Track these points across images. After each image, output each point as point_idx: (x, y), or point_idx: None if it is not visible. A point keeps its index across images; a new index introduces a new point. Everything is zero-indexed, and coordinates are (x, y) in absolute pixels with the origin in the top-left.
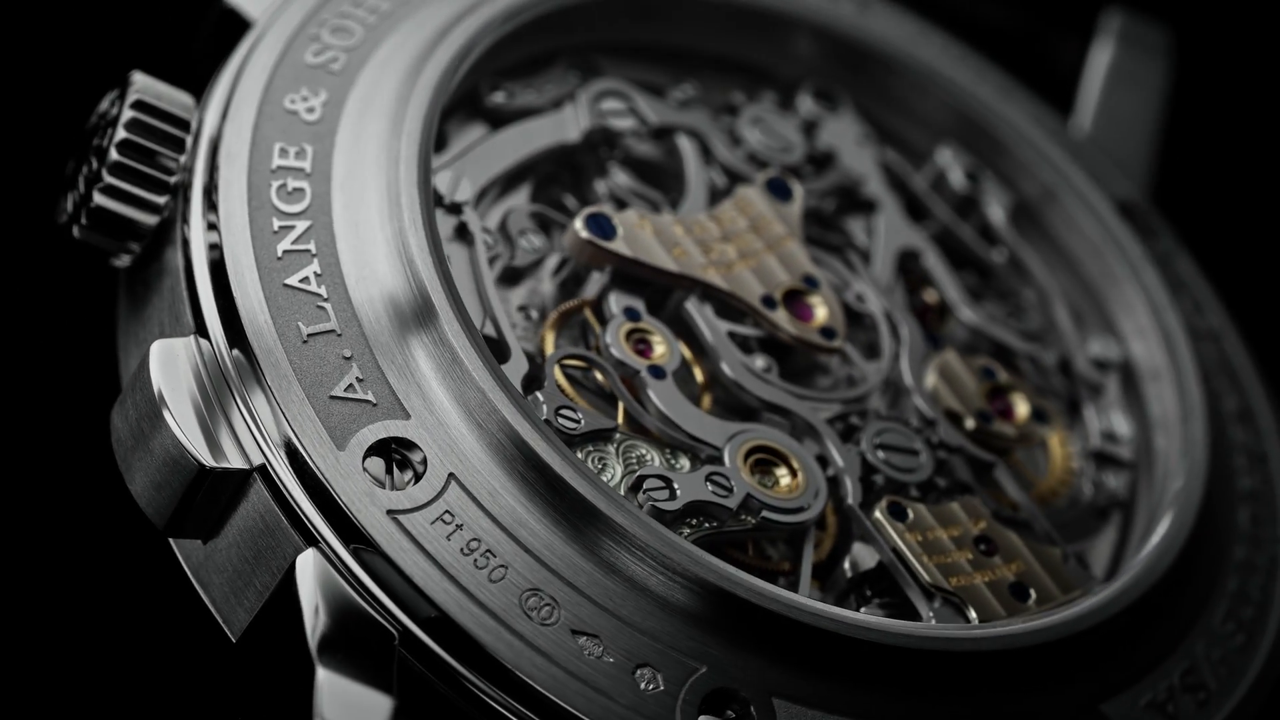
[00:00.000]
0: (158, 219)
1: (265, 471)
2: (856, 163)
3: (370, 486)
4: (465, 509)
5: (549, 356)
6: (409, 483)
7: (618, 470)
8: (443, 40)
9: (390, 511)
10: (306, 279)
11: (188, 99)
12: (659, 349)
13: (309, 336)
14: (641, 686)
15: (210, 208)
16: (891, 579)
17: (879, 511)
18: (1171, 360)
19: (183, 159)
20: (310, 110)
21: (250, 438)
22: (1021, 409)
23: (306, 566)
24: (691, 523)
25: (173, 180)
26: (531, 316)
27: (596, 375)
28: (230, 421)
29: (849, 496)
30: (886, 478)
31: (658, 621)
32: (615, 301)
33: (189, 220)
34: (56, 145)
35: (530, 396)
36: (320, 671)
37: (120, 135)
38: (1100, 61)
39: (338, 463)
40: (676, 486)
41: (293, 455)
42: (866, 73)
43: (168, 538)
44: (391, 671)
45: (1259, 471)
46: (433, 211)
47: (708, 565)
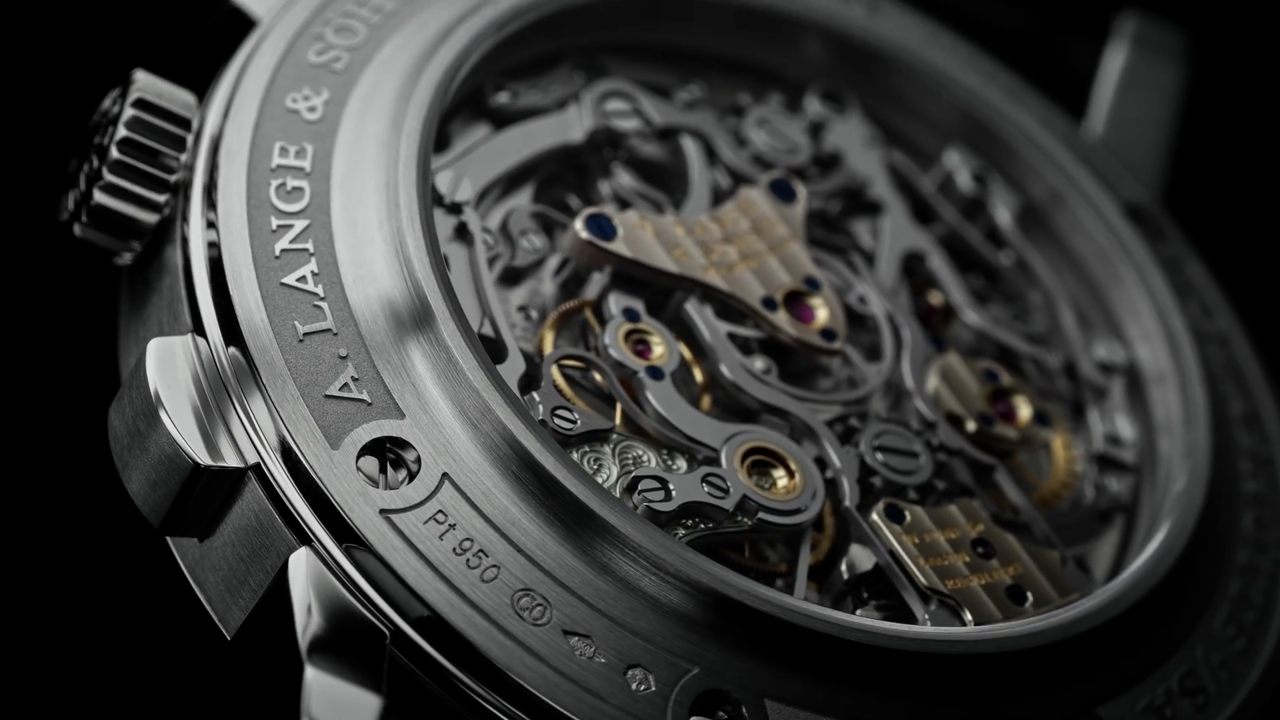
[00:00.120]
0: (158, 217)
1: (260, 470)
2: (863, 164)
3: (363, 486)
4: (458, 509)
5: (547, 357)
6: (402, 482)
7: (614, 471)
8: (445, 40)
9: (383, 511)
10: (304, 278)
11: (189, 97)
12: (658, 350)
13: (305, 335)
14: (633, 687)
15: (210, 206)
16: (888, 581)
17: (876, 514)
18: (1176, 363)
19: (183, 157)
20: (312, 109)
21: (245, 436)
22: (1024, 412)
23: (299, 565)
24: (687, 524)
25: (173, 179)
26: (531, 317)
27: (595, 376)
28: (226, 420)
29: (846, 498)
30: (885, 480)
31: (650, 622)
32: (615, 302)
33: (188, 219)
34: (61, 143)
35: (527, 397)
36: (309, 671)
37: (121, 133)
38: (1114, 64)
39: (331, 462)
40: (672, 487)
41: (287, 454)
42: (874, 74)
43: (164, 536)
44: (382, 671)
45: (1264, 475)
46: (431, 211)
47: (700, 566)
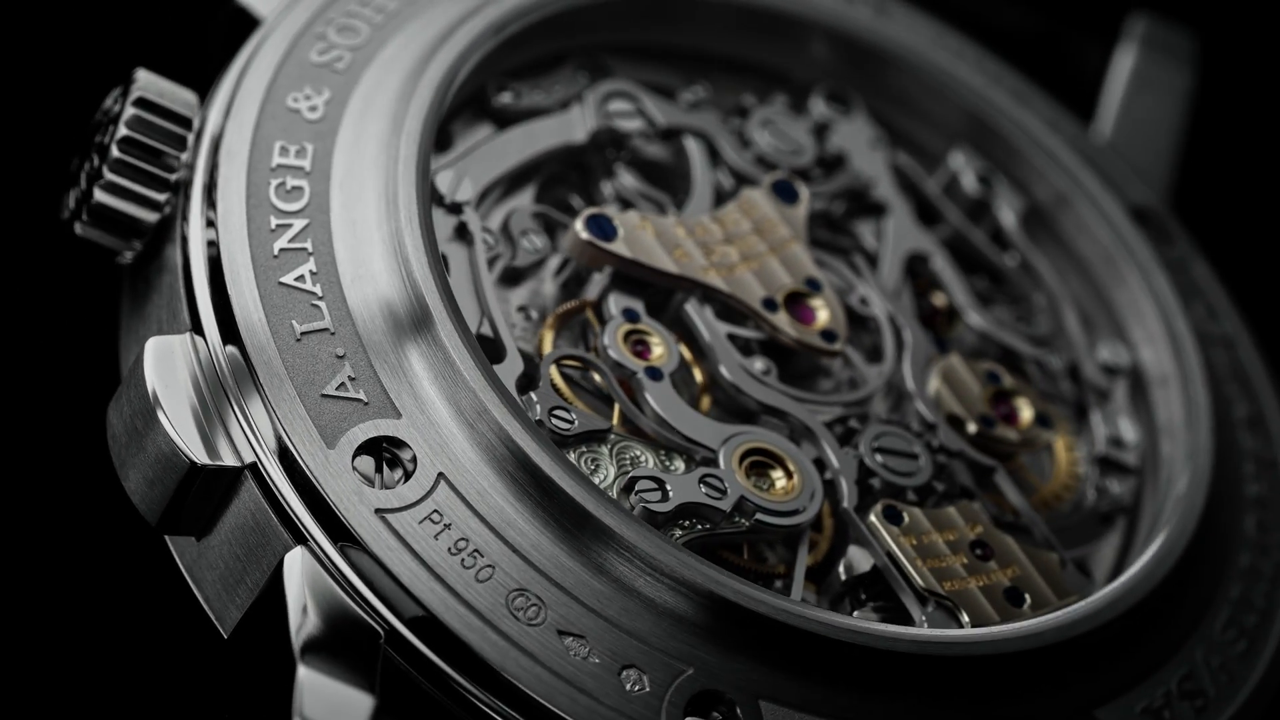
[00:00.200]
0: (158, 216)
1: (256, 469)
2: (868, 166)
3: (359, 485)
4: (454, 508)
5: (545, 357)
6: (398, 482)
7: (611, 471)
8: (447, 40)
9: (378, 510)
10: (302, 277)
11: (191, 97)
12: (657, 350)
13: (302, 335)
14: (627, 688)
15: (210, 205)
16: (886, 583)
17: (874, 515)
18: (1179, 366)
19: (184, 156)
20: (313, 109)
21: (242, 436)
22: (1025, 414)
23: (294, 564)
24: (684, 524)
25: (173, 178)
26: (531, 317)
27: (595, 376)
28: (223, 419)
29: (844, 500)
30: (884, 481)
31: (645, 623)
32: (614, 303)
33: (188, 218)
34: (64, 142)
35: (525, 397)
36: (301, 670)
37: (122, 132)
38: (1123, 66)
39: (327, 461)
40: (669, 488)
41: (283, 453)
42: (880, 75)
43: (162, 534)
44: (375, 671)
45: (1267, 478)
46: (429, 211)
47: (695, 567)
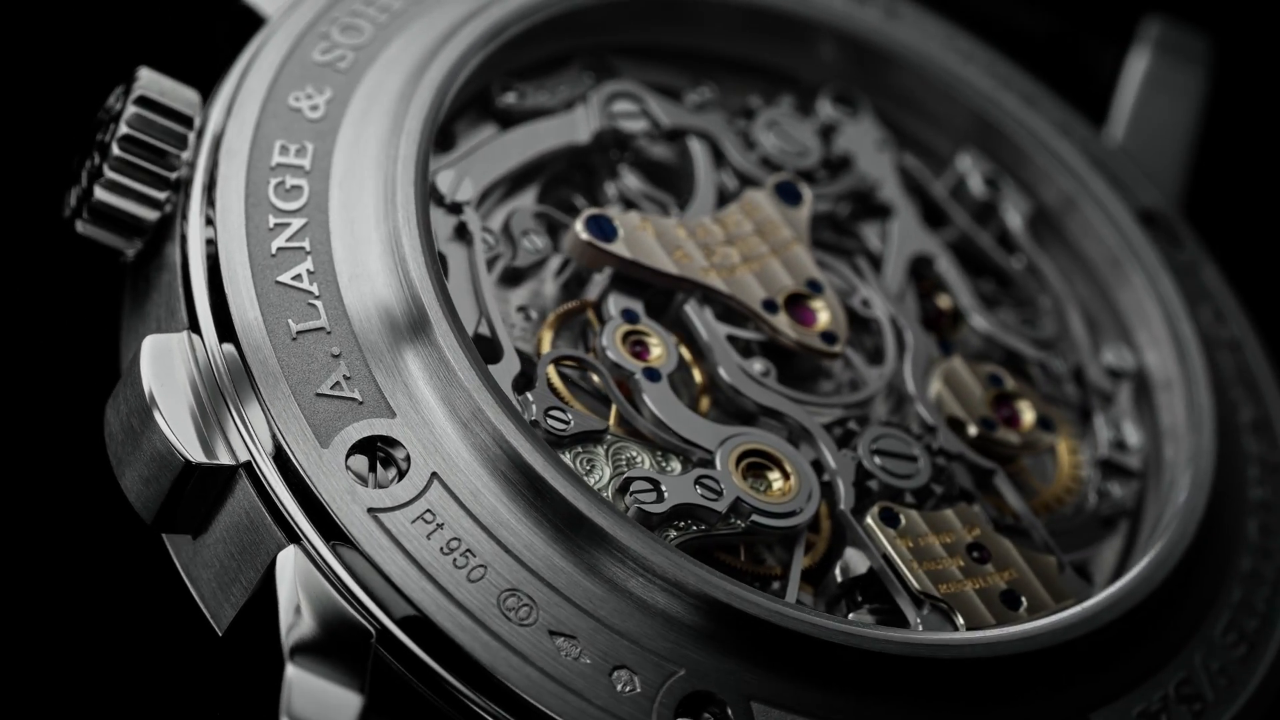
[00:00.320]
0: (159, 214)
1: (251, 468)
2: (874, 167)
3: (352, 484)
4: (446, 508)
5: (542, 357)
6: (392, 481)
7: (606, 472)
8: (450, 40)
9: (371, 510)
10: (299, 276)
11: (193, 95)
12: (656, 351)
13: (298, 334)
14: (618, 688)
15: (209, 204)
16: (882, 585)
17: (870, 517)
18: (1183, 369)
19: (185, 155)
20: (314, 108)
21: (237, 434)
22: (1028, 417)
23: (286, 563)
24: (679, 525)
25: (174, 176)
26: (531, 317)
27: (593, 377)
28: (219, 418)
29: (842, 501)
30: (882, 483)
31: (636, 624)
32: (614, 303)
33: (188, 216)
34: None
35: (521, 397)
36: (290, 668)
37: (123, 130)
38: (1137, 69)
39: (320, 460)
40: (664, 489)
41: (277, 452)
42: (888, 77)
43: (159, 533)
44: (365, 670)
45: (1271, 482)
46: (428, 211)
47: (687, 568)
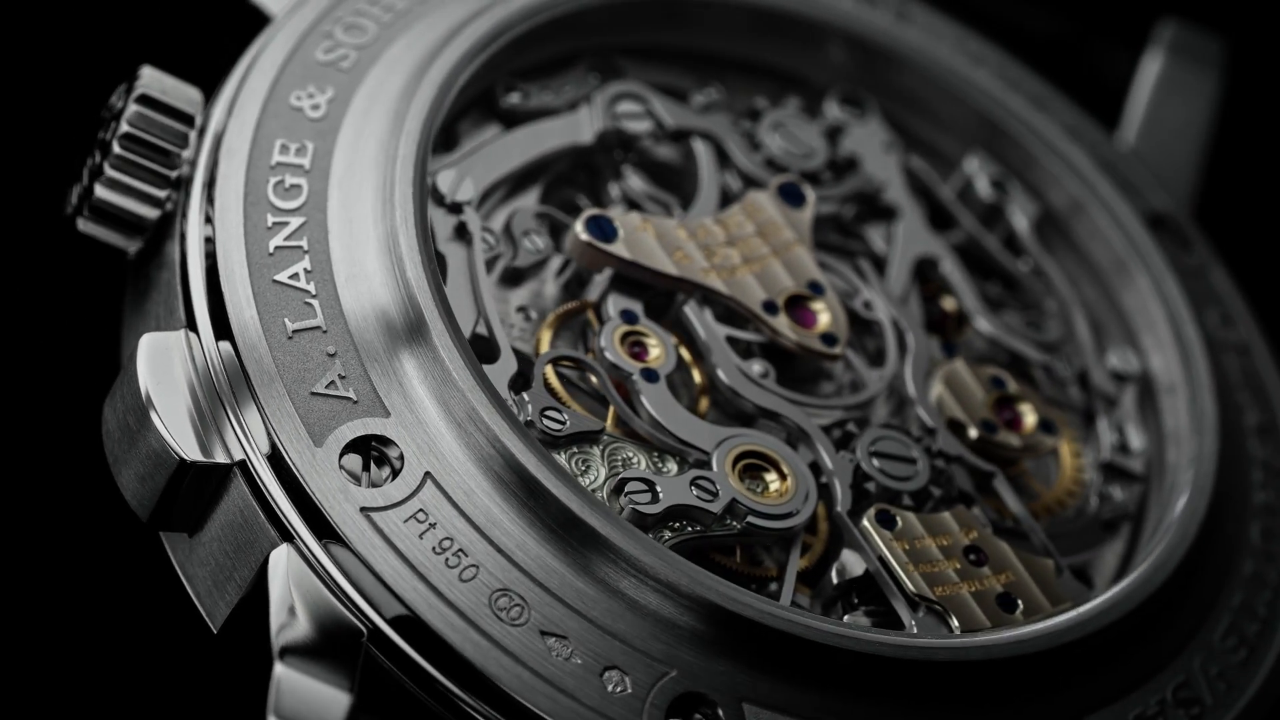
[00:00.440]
0: (159, 213)
1: (245, 467)
2: (880, 169)
3: (345, 483)
4: (439, 508)
5: (540, 358)
6: (385, 480)
7: (601, 473)
8: (452, 40)
9: (364, 509)
10: (296, 275)
11: (196, 94)
12: (654, 352)
13: (294, 333)
14: (609, 689)
15: (209, 202)
16: (878, 587)
17: (867, 519)
18: (1186, 372)
19: (186, 153)
20: (315, 107)
21: (232, 433)
22: (1029, 419)
23: (279, 562)
24: (674, 526)
25: (174, 175)
26: (531, 317)
27: (591, 378)
28: (215, 417)
29: (838, 503)
30: (880, 485)
31: (628, 624)
32: (613, 304)
33: (187, 215)
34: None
35: (517, 397)
36: (278, 667)
37: (124, 129)
38: (1150, 72)
39: (314, 459)
40: (659, 490)
41: (271, 451)
42: (897, 79)
43: (156, 530)
44: (355, 669)
45: (1275, 486)
46: (426, 210)
47: (680, 569)
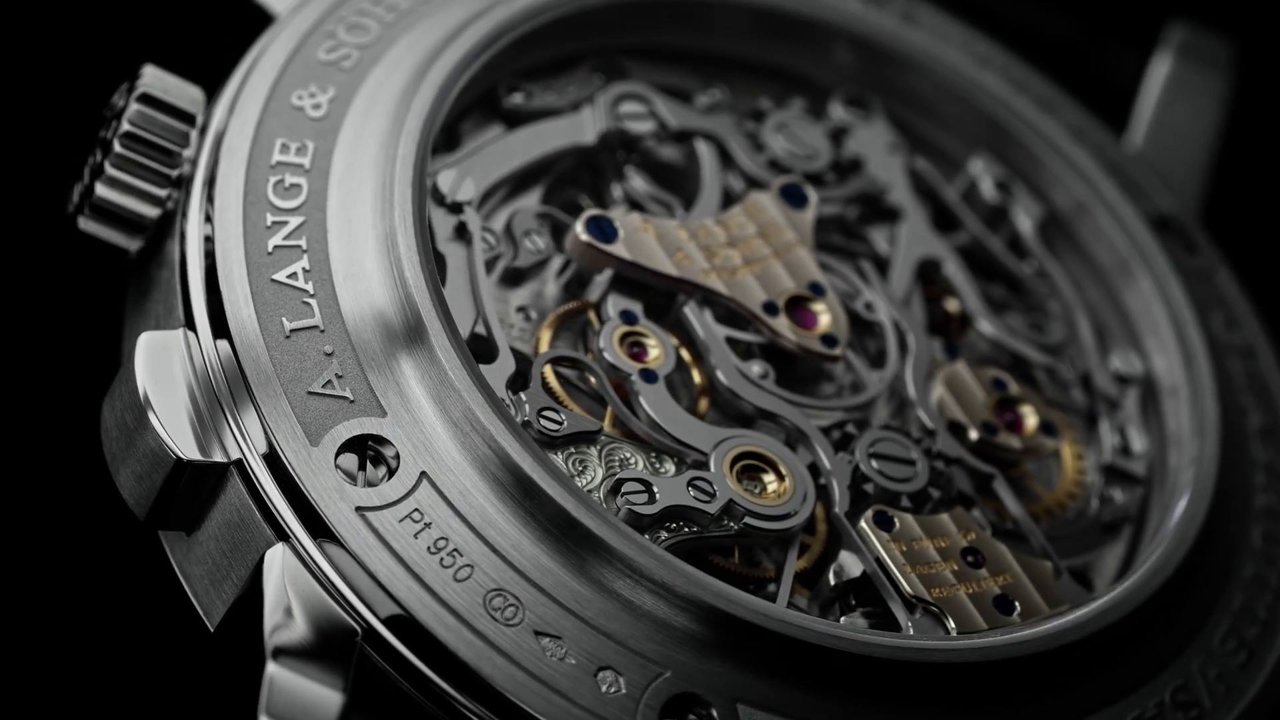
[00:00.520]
0: (159, 211)
1: (241, 466)
2: (884, 171)
3: (340, 483)
4: (435, 508)
5: (538, 358)
6: (381, 480)
7: (598, 473)
8: (454, 40)
9: (359, 508)
10: (294, 274)
11: (198, 93)
12: (653, 353)
13: (292, 332)
14: (603, 689)
15: (209, 201)
16: (876, 588)
17: (864, 520)
18: (1189, 375)
19: (187, 152)
20: (316, 107)
21: (229, 432)
22: (1030, 421)
23: (273, 561)
24: (671, 527)
25: (175, 173)
26: (531, 317)
27: (590, 378)
28: (212, 416)
29: (836, 504)
30: (879, 487)
31: (623, 625)
32: (613, 304)
33: (187, 214)
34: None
35: (515, 397)
36: (271, 666)
37: (124, 127)
38: (1159, 74)
39: (310, 458)
40: (656, 490)
41: (267, 450)
42: (902, 80)
43: (154, 529)
44: (349, 669)
45: (1278, 489)
46: (424, 210)
47: (674, 570)
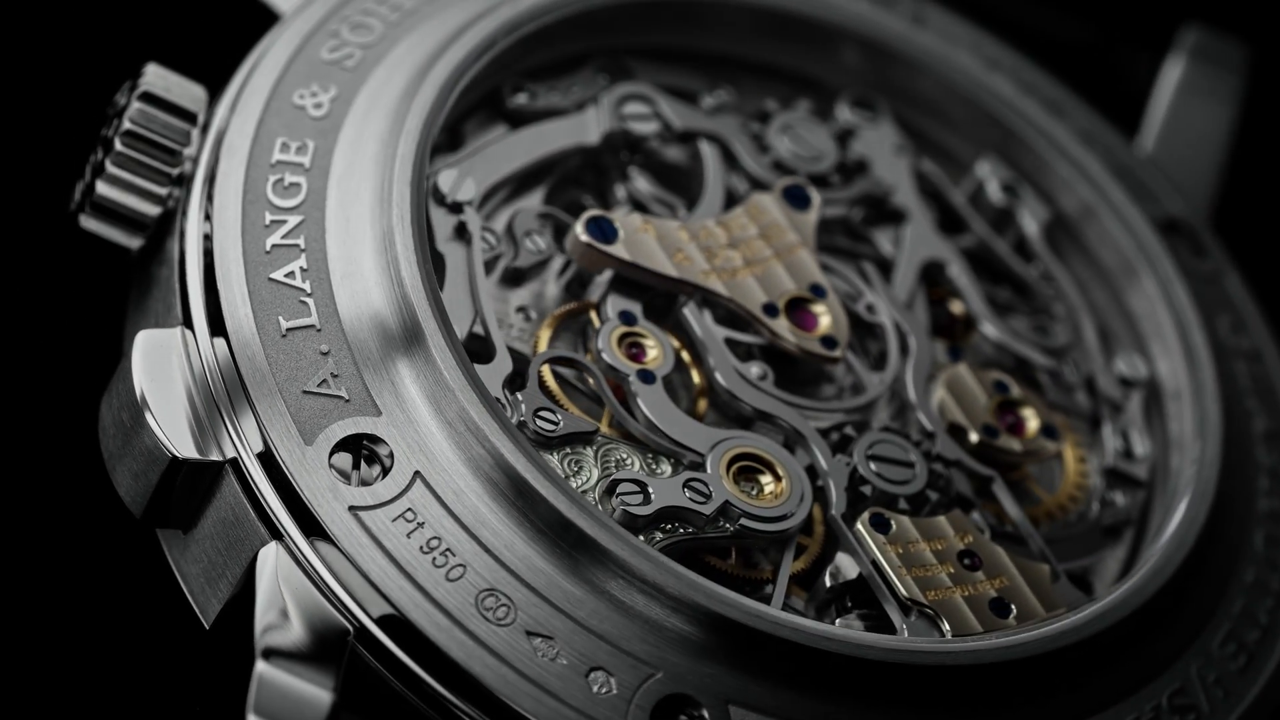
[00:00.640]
0: (160, 210)
1: (237, 465)
2: (890, 173)
3: (334, 482)
4: (428, 507)
5: (535, 358)
6: (376, 479)
7: (594, 474)
8: (457, 39)
9: (352, 508)
10: (292, 273)
11: (200, 92)
12: (652, 354)
13: (288, 331)
14: (594, 690)
15: (209, 200)
16: (871, 590)
17: (861, 523)
18: (1193, 379)
19: (188, 151)
20: (318, 106)
21: (225, 431)
22: (1032, 424)
23: (267, 559)
24: (666, 528)
25: (176, 172)
26: (531, 317)
27: (588, 379)
28: (208, 414)
29: (833, 506)
30: (876, 489)
31: (615, 625)
32: (612, 305)
33: (187, 212)
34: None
35: (511, 396)
36: (260, 664)
37: (125, 126)
38: (1171, 77)
39: (304, 457)
40: (651, 491)
41: (262, 449)
42: (910, 83)
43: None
44: (340, 668)
45: None
46: (423, 209)
47: (667, 571)
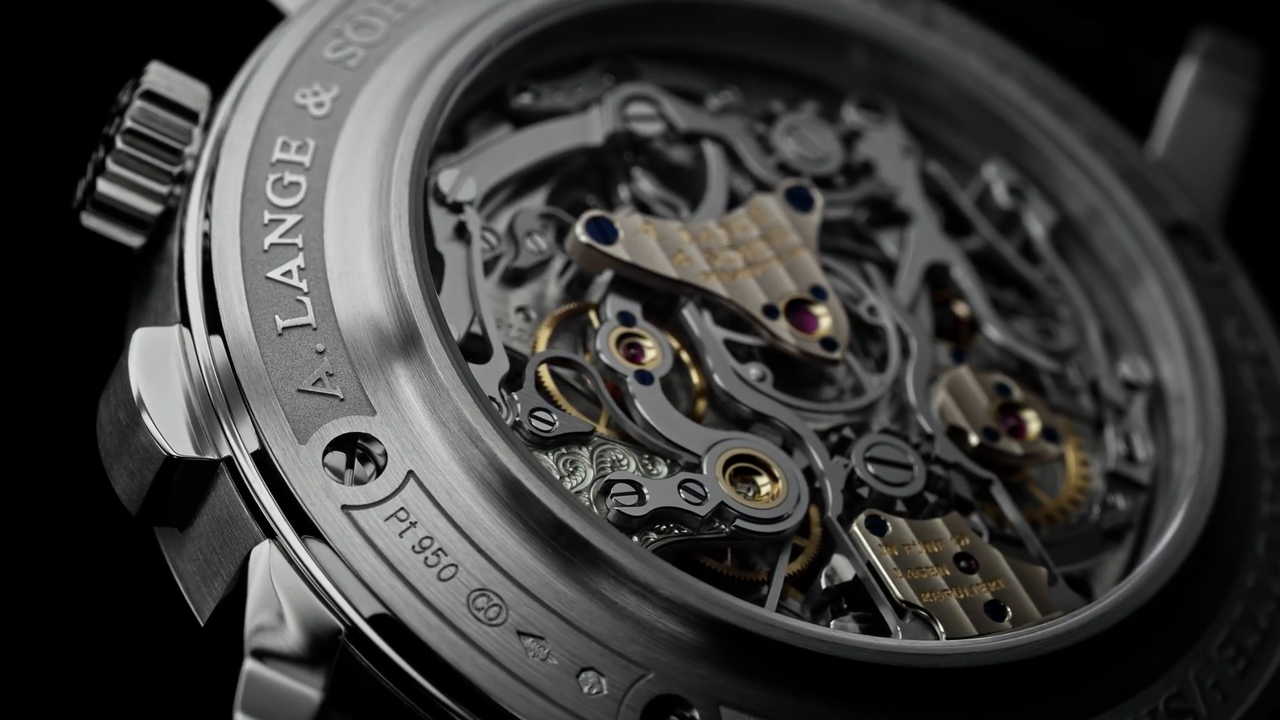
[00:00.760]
0: (161, 208)
1: (231, 463)
2: (895, 175)
3: (327, 481)
4: (421, 507)
5: (532, 359)
6: (369, 478)
7: (589, 474)
8: (459, 39)
9: (345, 506)
10: (289, 272)
11: (202, 90)
12: (650, 354)
13: (284, 330)
14: (585, 690)
15: (209, 198)
16: (867, 593)
17: (857, 525)
18: (1196, 382)
19: (189, 149)
20: (320, 105)
21: (220, 429)
22: (1033, 427)
23: (259, 558)
24: (661, 529)
25: (177, 170)
26: (531, 318)
27: (586, 379)
28: (204, 413)
29: (829, 508)
30: (874, 491)
31: (606, 626)
32: (611, 306)
33: (187, 211)
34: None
35: (508, 396)
36: (248, 663)
37: (126, 124)
38: (1183, 81)
39: (297, 456)
40: (646, 492)
41: (257, 448)
42: (918, 84)
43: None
44: (330, 667)
45: None
46: (421, 209)
47: (659, 571)
